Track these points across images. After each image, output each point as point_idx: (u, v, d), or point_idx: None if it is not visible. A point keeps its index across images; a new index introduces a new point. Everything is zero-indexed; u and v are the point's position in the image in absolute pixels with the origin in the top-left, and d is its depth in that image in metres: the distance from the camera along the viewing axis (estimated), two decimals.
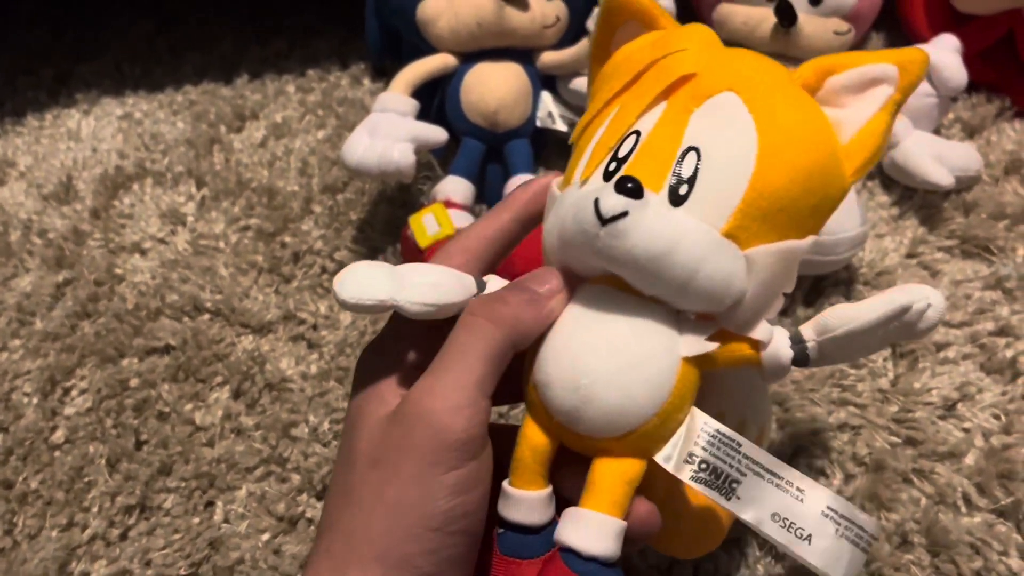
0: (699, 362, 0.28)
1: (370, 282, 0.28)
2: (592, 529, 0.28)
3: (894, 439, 0.44)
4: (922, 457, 0.43)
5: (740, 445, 0.29)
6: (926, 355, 0.47)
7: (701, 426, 0.29)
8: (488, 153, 0.57)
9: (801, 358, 0.30)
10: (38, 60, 0.81)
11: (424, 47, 0.58)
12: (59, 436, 0.49)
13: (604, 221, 0.26)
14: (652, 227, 0.26)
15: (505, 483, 0.30)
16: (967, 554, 0.39)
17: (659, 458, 0.29)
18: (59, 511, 0.46)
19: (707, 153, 0.27)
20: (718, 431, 0.29)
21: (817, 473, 0.43)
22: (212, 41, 0.79)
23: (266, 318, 0.54)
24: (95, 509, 0.46)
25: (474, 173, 0.57)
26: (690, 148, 0.28)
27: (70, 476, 0.47)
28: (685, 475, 0.28)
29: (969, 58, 0.57)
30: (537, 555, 0.29)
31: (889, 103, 0.29)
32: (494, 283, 0.31)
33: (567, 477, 0.30)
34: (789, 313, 0.50)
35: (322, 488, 0.45)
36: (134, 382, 0.51)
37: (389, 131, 0.52)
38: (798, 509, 0.28)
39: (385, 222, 0.58)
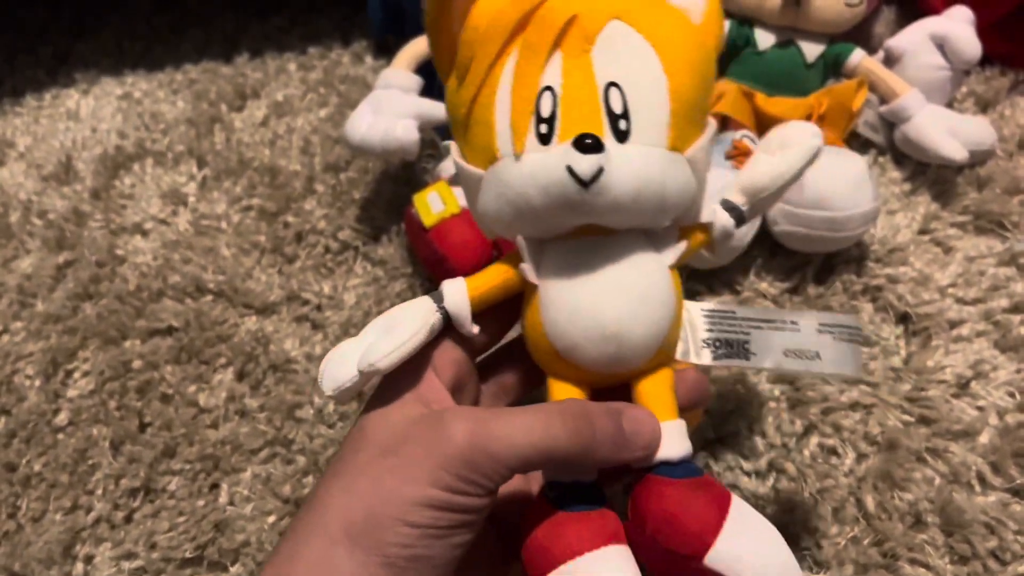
0: (677, 263, 0.31)
1: (341, 365, 0.30)
2: (671, 437, 0.29)
3: (907, 418, 0.43)
4: (936, 436, 0.42)
5: (734, 312, 0.32)
6: (939, 332, 0.46)
7: (697, 313, 0.32)
8: None
9: (740, 220, 0.32)
10: (37, 38, 0.80)
11: None
12: (62, 419, 0.49)
13: (585, 183, 0.27)
14: (624, 172, 0.28)
15: None
16: (982, 534, 0.39)
17: (679, 355, 0.31)
18: (63, 494, 0.46)
19: (627, 84, 0.29)
20: (711, 310, 0.32)
21: (829, 452, 0.43)
22: (212, 18, 0.78)
23: (269, 299, 0.53)
24: (99, 492, 0.46)
25: None
26: (610, 84, 0.29)
27: (74, 459, 0.47)
28: (707, 359, 0.31)
29: (983, 30, 0.55)
30: (600, 506, 0.29)
31: None
32: (449, 287, 0.31)
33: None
34: (800, 291, 0.49)
35: None
36: (137, 364, 0.51)
37: (392, 108, 0.51)
38: (799, 338, 0.32)
39: (389, 201, 0.57)
